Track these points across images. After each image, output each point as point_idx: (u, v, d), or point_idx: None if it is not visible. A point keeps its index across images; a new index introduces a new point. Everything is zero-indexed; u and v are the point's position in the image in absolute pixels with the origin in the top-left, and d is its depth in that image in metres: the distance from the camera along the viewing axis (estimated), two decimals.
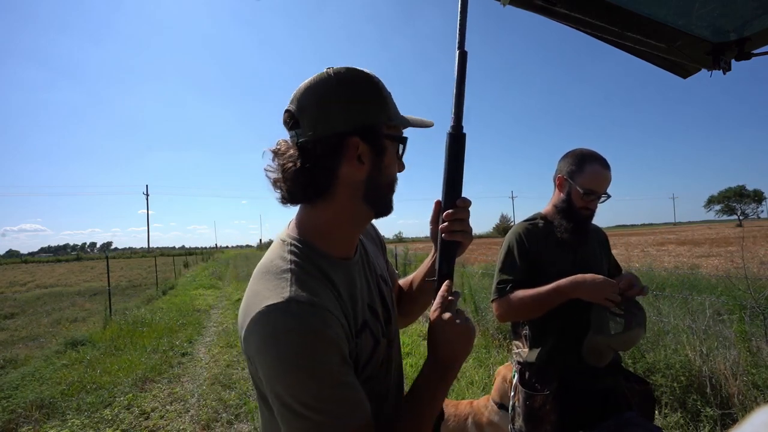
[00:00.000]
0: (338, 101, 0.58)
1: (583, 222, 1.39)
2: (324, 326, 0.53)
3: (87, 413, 3.28)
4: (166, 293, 10.94)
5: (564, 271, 1.35)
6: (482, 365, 3.82)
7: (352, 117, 0.58)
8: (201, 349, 5.23)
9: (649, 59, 1.23)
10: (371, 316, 0.66)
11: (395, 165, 0.65)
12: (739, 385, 2.41)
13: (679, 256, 13.29)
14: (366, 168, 0.61)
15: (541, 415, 1.30)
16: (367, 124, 0.59)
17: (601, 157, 1.37)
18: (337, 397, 0.52)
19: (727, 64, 1.11)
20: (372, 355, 0.64)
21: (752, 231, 31.21)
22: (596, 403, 1.30)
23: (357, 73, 0.60)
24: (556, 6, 0.97)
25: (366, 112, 0.59)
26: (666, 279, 5.66)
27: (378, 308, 0.69)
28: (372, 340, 0.64)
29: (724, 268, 7.83)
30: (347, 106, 0.58)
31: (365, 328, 0.63)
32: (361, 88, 0.60)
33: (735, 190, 77.14)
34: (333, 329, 0.53)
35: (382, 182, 0.64)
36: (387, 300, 0.73)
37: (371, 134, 0.60)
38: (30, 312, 9.18)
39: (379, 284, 0.73)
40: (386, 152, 0.62)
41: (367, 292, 0.68)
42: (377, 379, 0.66)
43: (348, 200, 0.62)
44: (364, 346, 0.62)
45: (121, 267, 28.45)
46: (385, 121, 0.61)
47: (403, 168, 0.68)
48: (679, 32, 1.05)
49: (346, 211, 0.63)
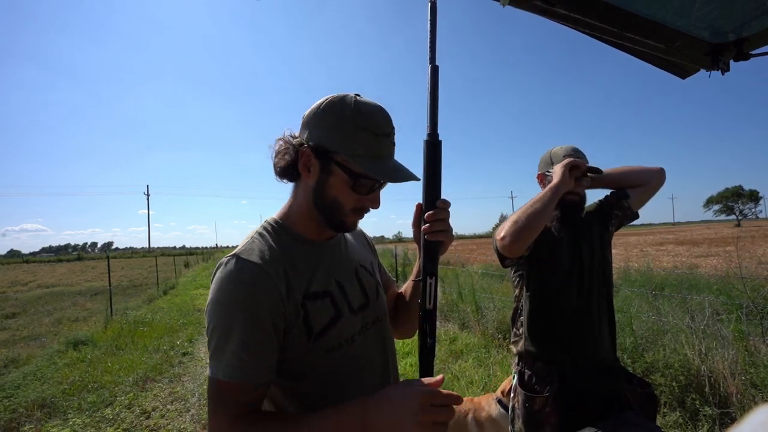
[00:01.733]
0: (314, 121, 0.72)
1: (571, 208, 1.39)
2: (251, 281, 0.65)
3: (88, 412, 3.29)
4: (167, 293, 10.95)
5: (561, 267, 1.37)
6: (482, 365, 3.82)
7: (315, 135, 0.71)
8: (202, 348, 5.23)
9: (648, 59, 1.23)
10: (338, 290, 0.76)
11: (347, 194, 0.72)
12: (737, 385, 2.41)
13: (678, 256, 13.30)
14: (313, 179, 0.73)
15: (540, 418, 1.29)
16: (321, 145, 0.70)
17: (571, 146, 1.41)
18: (226, 337, 0.64)
19: (726, 64, 1.12)
20: (332, 323, 0.72)
21: (750, 231, 31.22)
22: (597, 406, 1.29)
23: (341, 104, 0.70)
24: (555, 6, 0.98)
25: (327, 137, 0.70)
26: (665, 279, 5.66)
27: (349, 287, 0.78)
28: (333, 309, 0.73)
29: (722, 268, 7.84)
30: (317, 126, 0.71)
31: (326, 296, 0.73)
32: (335, 119, 0.69)
33: (733, 190, 77.20)
34: (259, 287, 0.65)
35: (326, 199, 0.73)
36: (365, 285, 0.82)
37: (322, 154, 0.71)
38: (31, 311, 9.19)
39: (356, 270, 0.82)
40: (332, 175, 0.71)
41: (338, 270, 0.78)
42: (345, 351, 0.74)
43: (304, 199, 0.76)
44: (321, 310, 0.72)
45: (122, 267, 28.46)
46: (342, 152, 0.69)
47: (373, 204, 0.76)
48: (678, 33, 1.06)
49: (303, 207, 0.76)
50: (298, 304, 0.69)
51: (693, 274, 6.05)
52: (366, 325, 0.78)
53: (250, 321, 0.64)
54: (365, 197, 0.74)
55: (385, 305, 0.87)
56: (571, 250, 1.39)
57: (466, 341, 4.58)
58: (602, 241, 1.43)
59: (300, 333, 0.69)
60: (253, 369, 0.64)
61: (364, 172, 0.69)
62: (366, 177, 0.70)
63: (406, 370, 3.84)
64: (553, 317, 1.39)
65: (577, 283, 1.36)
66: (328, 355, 0.71)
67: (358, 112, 0.69)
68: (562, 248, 1.39)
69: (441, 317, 5.82)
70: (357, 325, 0.76)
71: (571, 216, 1.41)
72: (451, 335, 4.87)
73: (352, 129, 0.69)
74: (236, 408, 0.63)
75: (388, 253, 13.09)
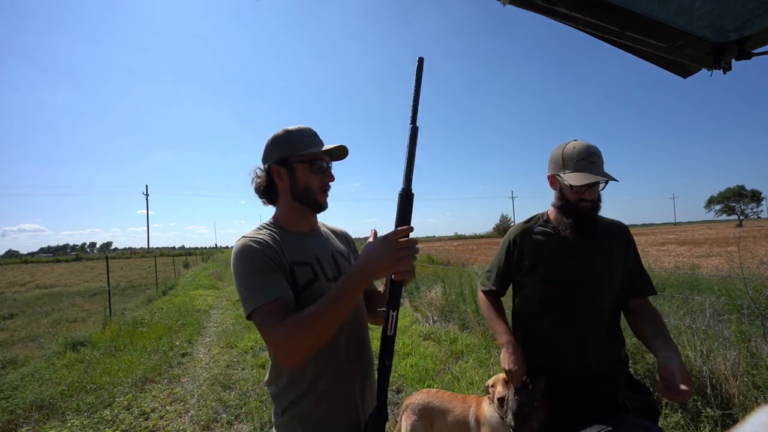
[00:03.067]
0: (268, 150, 1.06)
1: (585, 215, 1.31)
2: (256, 247, 0.94)
3: (87, 414, 3.28)
4: (166, 293, 10.93)
5: (552, 272, 1.35)
6: (482, 365, 3.81)
7: (273, 156, 1.05)
8: (201, 349, 5.23)
9: (649, 59, 1.22)
10: (317, 263, 1.03)
11: (311, 177, 1.04)
12: (739, 386, 2.41)
13: (680, 256, 13.28)
14: (286, 181, 1.05)
15: (528, 412, 1.30)
16: (280, 157, 1.03)
17: (585, 146, 1.30)
18: (255, 281, 0.90)
19: (728, 63, 1.11)
20: (310, 284, 0.99)
21: (752, 231, 31.22)
22: (590, 409, 1.27)
23: (280, 132, 1.05)
24: (556, 6, 0.97)
25: (279, 152, 1.04)
26: (666, 279, 5.65)
27: (325, 263, 1.05)
28: (311, 274, 1.00)
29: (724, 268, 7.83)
30: (271, 150, 1.05)
31: (306, 265, 1.00)
32: (279, 140, 1.04)
33: (734, 190, 77.23)
34: (263, 250, 0.94)
35: (300, 189, 1.04)
36: (339, 263, 1.09)
37: (283, 162, 1.03)
38: (29, 312, 9.17)
39: (333, 254, 1.10)
40: (296, 170, 1.03)
41: (318, 250, 1.06)
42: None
43: (286, 200, 1.07)
44: (303, 274, 0.99)
45: (121, 267, 28.44)
46: (294, 152, 1.02)
47: (329, 178, 1.06)
48: (680, 32, 1.05)
49: (288, 206, 1.07)
50: (288, 264, 0.97)
51: (694, 274, 6.04)
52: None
53: (263, 265, 0.92)
54: (323, 176, 1.05)
55: None
56: (570, 258, 1.34)
57: (466, 342, 4.57)
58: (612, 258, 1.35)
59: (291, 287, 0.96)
60: (281, 289, 0.90)
61: (311, 153, 1.02)
62: (314, 157, 1.03)
63: (406, 370, 3.83)
64: (535, 324, 1.39)
65: (563, 292, 1.33)
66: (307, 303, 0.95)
67: (290, 131, 1.04)
68: (558, 256, 1.35)
69: (441, 318, 5.81)
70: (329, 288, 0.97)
71: (583, 221, 1.33)
72: (452, 336, 4.86)
73: (293, 139, 1.03)
74: (280, 316, 0.86)
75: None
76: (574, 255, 1.34)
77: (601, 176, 1.25)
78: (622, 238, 1.39)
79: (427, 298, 6.39)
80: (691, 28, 1.03)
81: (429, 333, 5.13)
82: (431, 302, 6.20)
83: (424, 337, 5.03)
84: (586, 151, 1.28)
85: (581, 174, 1.26)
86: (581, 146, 1.30)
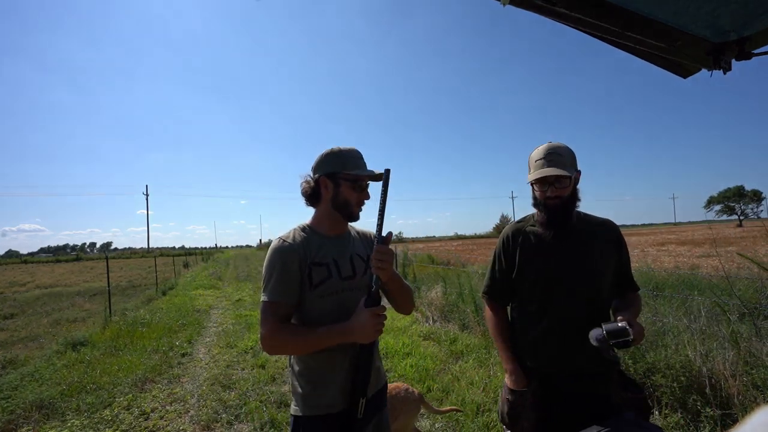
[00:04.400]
0: (320, 163, 1.23)
1: (553, 211, 1.34)
2: (284, 250, 1.16)
3: (87, 414, 3.28)
4: (166, 293, 10.92)
5: (538, 272, 1.37)
6: (482, 365, 3.81)
7: (323, 168, 1.22)
8: (201, 349, 5.22)
9: (649, 59, 1.22)
10: (333, 264, 1.20)
11: (352, 194, 1.22)
12: (739, 386, 2.41)
13: (679, 256, 13.28)
14: (330, 192, 1.22)
15: (520, 412, 1.31)
16: (330, 171, 1.21)
17: (545, 148, 1.34)
18: (271, 279, 1.13)
19: (728, 63, 1.11)
20: (325, 279, 1.17)
21: (752, 231, 31.21)
22: (581, 408, 1.27)
23: (335, 151, 1.23)
24: (556, 6, 0.97)
25: (330, 167, 1.21)
26: (666, 279, 5.65)
27: (341, 265, 1.22)
28: (326, 271, 1.18)
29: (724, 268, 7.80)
30: (323, 164, 1.23)
31: (323, 265, 1.18)
32: (331, 157, 1.22)
33: (734, 190, 77.22)
34: (288, 253, 1.15)
35: (340, 201, 1.22)
36: (355, 265, 1.24)
37: (331, 176, 1.21)
38: (29, 312, 9.17)
39: (352, 256, 1.25)
40: (341, 186, 1.21)
41: (337, 253, 1.23)
42: (333, 298, 1.18)
43: (327, 207, 1.25)
44: (319, 273, 1.17)
45: (121, 267, 28.44)
46: (342, 171, 1.20)
47: (366, 197, 1.25)
48: (679, 32, 1.05)
49: (326, 212, 1.25)
50: (308, 265, 1.16)
51: (694, 274, 6.03)
52: (350, 288, 1.21)
53: (282, 268, 1.13)
54: (361, 194, 1.24)
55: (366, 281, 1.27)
56: (552, 255, 1.35)
57: (466, 342, 4.57)
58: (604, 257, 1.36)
59: (306, 283, 1.16)
60: (285, 294, 1.13)
61: (357, 174, 1.20)
62: (359, 177, 1.21)
63: (406, 370, 3.83)
64: (528, 324, 1.41)
65: (553, 291, 1.34)
66: (322, 299, 1.17)
67: (342, 151, 1.22)
68: (546, 255, 1.36)
69: (441, 318, 5.81)
70: (341, 286, 1.20)
71: (555, 220, 1.35)
72: (452, 336, 4.86)
73: (342, 158, 1.21)
74: (276, 318, 1.11)
75: None
76: (562, 254, 1.35)
77: (549, 172, 1.27)
78: (612, 237, 1.40)
79: (427, 298, 6.39)
80: (691, 28, 1.03)
81: (429, 333, 5.14)
82: (431, 302, 6.20)
83: (424, 337, 5.03)
84: (545, 151, 1.32)
85: (536, 171, 1.32)
86: (543, 147, 1.35)
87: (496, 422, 2.75)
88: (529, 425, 1.30)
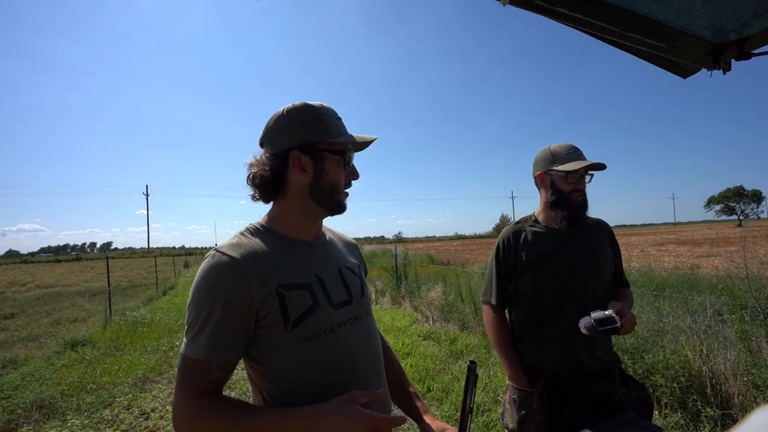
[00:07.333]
0: (285, 127, 0.80)
1: (578, 207, 1.35)
2: (225, 271, 0.71)
3: (87, 413, 3.27)
4: (166, 293, 10.94)
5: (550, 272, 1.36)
6: (482, 366, 3.81)
7: (294, 138, 0.79)
8: None
9: (649, 59, 1.22)
10: (318, 284, 0.79)
11: (339, 172, 0.82)
12: (739, 386, 2.41)
13: (679, 256, 13.28)
14: (309, 174, 0.80)
15: (527, 414, 1.29)
16: (307, 141, 0.79)
17: (570, 144, 1.40)
18: (207, 324, 0.69)
19: (727, 63, 1.11)
20: (309, 312, 0.75)
21: (752, 231, 31.20)
22: (587, 407, 1.27)
23: (303, 107, 0.81)
24: (556, 6, 0.97)
25: (306, 134, 0.79)
26: (666, 279, 5.65)
27: (330, 284, 0.82)
28: (310, 299, 0.76)
29: (724, 267, 7.82)
30: (290, 131, 0.79)
31: (303, 288, 0.76)
32: (304, 117, 0.80)
33: (734, 190, 77.25)
34: (229, 277, 0.70)
35: (325, 185, 0.81)
36: (348, 284, 0.86)
37: (310, 149, 0.79)
38: (30, 312, 9.17)
39: (341, 270, 0.86)
40: (326, 161, 0.80)
41: (319, 267, 0.82)
42: (326, 340, 0.77)
43: (297, 199, 0.82)
44: (298, 300, 0.75)
45: (121, 267, 28.46)
46: (325, 139, 0.79)
47: (355, 176, 0.86)
48: (679, 32, 1.05)
49: (296, 206, 0.82)
50: (272, 291, 0.72)
51: (694, 274, 6.03)
52: (349, 320, 0.82)
53: (218, 306, 0.69)
54: (348, 172, 0.85)
55: (369, 304, 0.91)
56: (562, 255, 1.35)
57: (466, 342, 4.57)
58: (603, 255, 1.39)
59: (276, 320, 0.73)
60: (217, 350, 0.69)
61: (347, 143, 0.81)
62: (348, 148, 0.82)
63: (406, 370, 3.81)
64: (531, 324, 1.40)
65: (556, 289, 1.34)
66: (308, 343, 0.74)
67: (314, 108, 0.81)
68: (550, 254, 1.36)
69: (441, 318, 5.81)
70: (338, 319, 0.79)
71: (577, 213, 1.36)
72: (452, 336, 4.86)
73: (321, 120, 0.80)
74: (200, 384, 0.70)
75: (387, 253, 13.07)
76: (565, 252, 1.36)
77: (591, 162, 1.32)
78: (606, 235, 1.46)
79: (427, 298, 6.39)
80: (690, 28, 1.03)
81: (429, 333, 5.13)
82: (431, 302, 6.20)
83: (424, 336, 5.03)
84: (571, 147, 1.38)
85: (575, 162, 1.33)
86: (567, 144, 1.40)
87: (496, 422, 2.75)
88: (536, 427, 1.29)
